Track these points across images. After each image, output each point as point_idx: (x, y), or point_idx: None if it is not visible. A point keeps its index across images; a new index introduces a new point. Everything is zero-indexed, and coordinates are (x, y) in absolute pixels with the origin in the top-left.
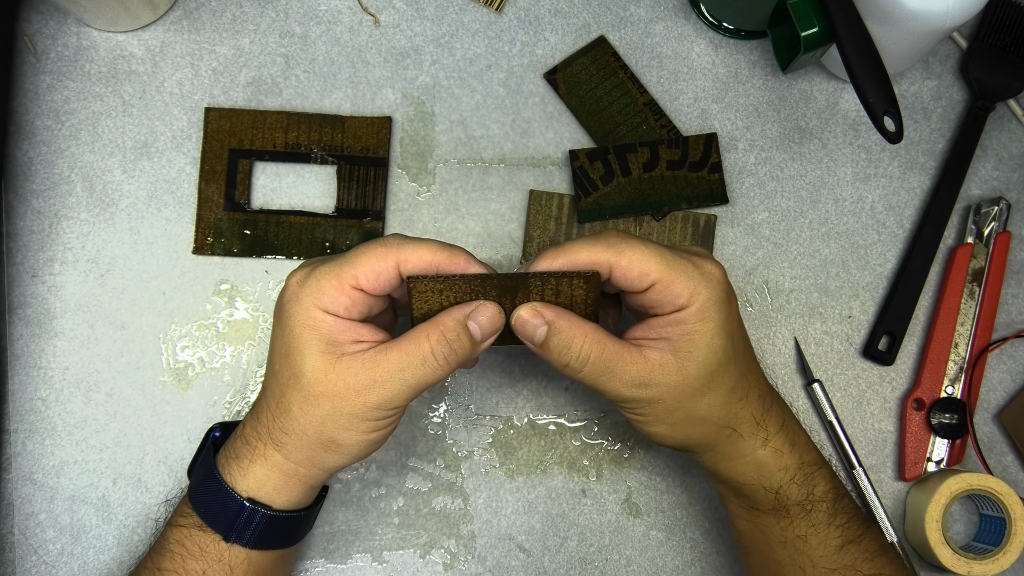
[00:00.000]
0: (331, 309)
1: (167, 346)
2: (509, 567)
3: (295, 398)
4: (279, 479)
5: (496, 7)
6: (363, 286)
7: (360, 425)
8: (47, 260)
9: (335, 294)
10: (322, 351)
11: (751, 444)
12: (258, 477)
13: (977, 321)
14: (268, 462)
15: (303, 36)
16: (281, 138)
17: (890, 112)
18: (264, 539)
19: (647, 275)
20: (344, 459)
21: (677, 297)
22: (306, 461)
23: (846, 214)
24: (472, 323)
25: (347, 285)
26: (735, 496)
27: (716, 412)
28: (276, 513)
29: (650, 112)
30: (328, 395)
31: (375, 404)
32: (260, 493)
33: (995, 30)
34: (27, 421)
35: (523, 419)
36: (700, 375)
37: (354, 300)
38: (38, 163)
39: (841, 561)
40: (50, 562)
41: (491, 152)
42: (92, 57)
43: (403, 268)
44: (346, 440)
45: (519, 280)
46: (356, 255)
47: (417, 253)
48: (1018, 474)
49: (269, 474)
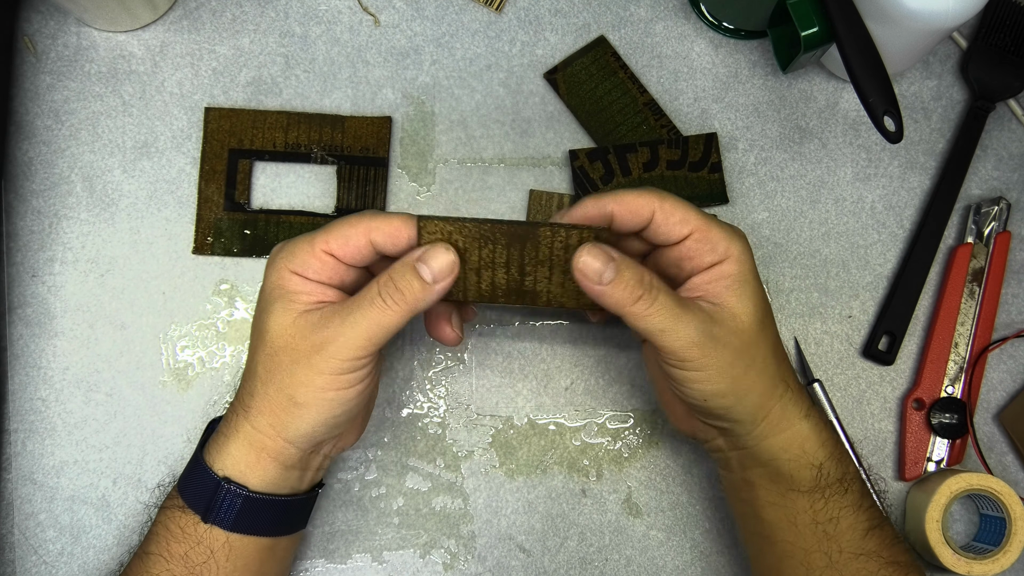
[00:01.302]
0: (299, 271)
1: (167, 346)
2: (509, 567)
3: (260, 357)
4: (250, 455)
5: (496, 7)
6: (333, 250)
7: (317, 380)
8: (47, 260)
9: (305, 257)
10: (285, 308)
11: (797, 411)
12: (232, 455)
13: (977, 321)
14: (240, 435)
15: (303, 36)
16: (281, 138)
17: (890, 112)
18: (241, 521)
19: (687, 220)
20: (306, 424)
21: (716, 245)
22: (270, 428)
23: (846, 214)
24: (422, 265)
25: (318, 249)
26: (770, 480)
27: (771, 365)
28: (252, 494)
29: (650, 112)
30: (286, 348)
31: (330, 354)
32: (235, 471)
33: (995, 30)
34: (27, 421)
35: (523, 419)
36: (754, 321)
37: (323, 263)
38: (38, 163)
39: (866, 546)
40: (50, 562)
41: (491, 152)
42: (92, 57)
43: (373, 235)
44: (305, 397)
45: (529, 229)
46: (330, 224)
47: (388, 222)
48: (1018, 474)
49: (241, 450)
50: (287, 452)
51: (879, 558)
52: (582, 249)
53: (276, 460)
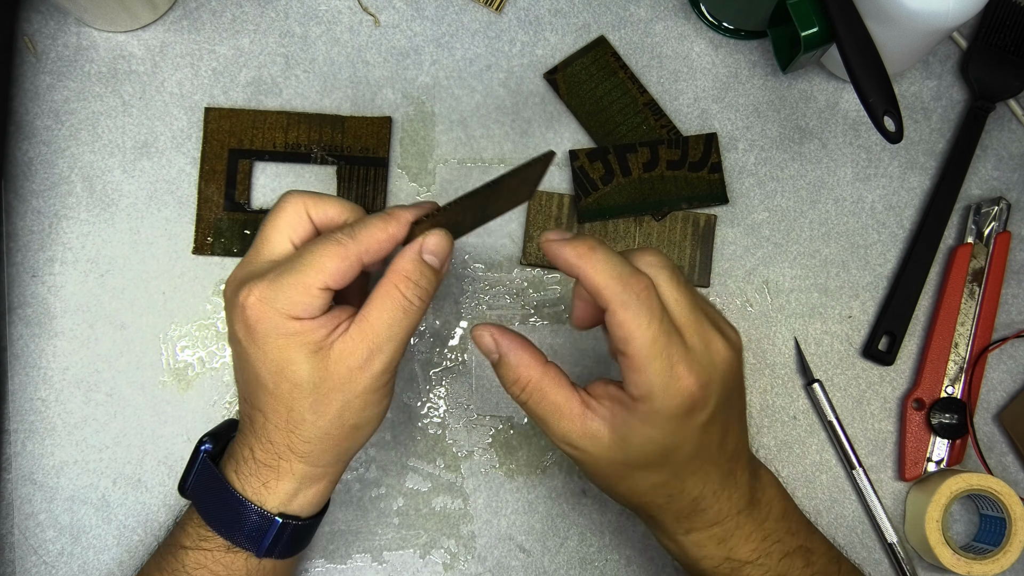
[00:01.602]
0: (303, 315)
1: (167, 346)
2: (509, 567)
3: (304, 406)
4: (307, 487)
5: (496, 7)
6: (331, 286)
7: (372, 398)
8: (47, 260)
9: (304, 300)
10: (312, 352)
11: (672, 530)
12: (287, 491)
13: (977, 321)
14: (295, 475)
15: (303, 36)
16: (281, 138)
17: (890, 112)
18: (293, 547)
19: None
20: (363, 441)
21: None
22: (333, 459)
23: (846, 214)
24: (427, 255)
25: (315, 289)
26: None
27: (636, 496)
28: (305, 522)
29: (650, 112)
30: (336, 388)
31: (380, 371)
32: (291, 507)
33: (995, 30)
34: (27, 421)
35: (523, 419)
36: (627, 462)
37: (324, 299)
38: (38, 163)
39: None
40: (50, 562)
41: (491, 152)
42: (92, 57)
43: (365, 259)
44: (364, 418)
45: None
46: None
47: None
48: (1018, 474)
49: (298, 487)
50: (341, 472)
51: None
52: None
53: (332, 483)
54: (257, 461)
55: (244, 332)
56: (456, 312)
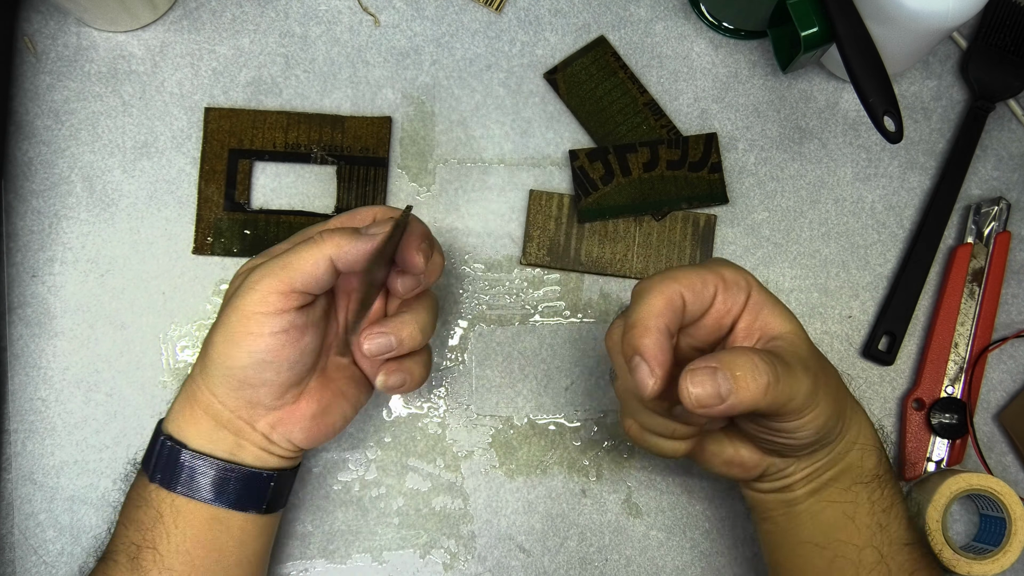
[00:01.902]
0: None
1: (167, 346)
2: (509, 567)
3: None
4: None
5: (496, 7)
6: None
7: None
8: (47, 260)
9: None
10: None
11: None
12: (175, 410)
13: (977, 321)
14: (183, 391)
15: (303, 36)
16: (281, 138)
17: (890, 112)
18: (180, 479)
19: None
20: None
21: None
22: (199, 376)
23: (846, 214)
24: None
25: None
26: (838, 476)
27: (827, 363)
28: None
29: (650, 112)
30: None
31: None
32: (174, 427)
33: (995, 30)
34: (27, 421)
35: (523, 419)
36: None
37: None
38: (38, 163)
39: (911, 536)
40: (50, 562)
41: (491, 152)
42: (92, 57)
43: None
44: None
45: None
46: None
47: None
48: (1018, 474)
49: (181, 405)
50: (214, 406)
51: (920, 547)
52: (684, 380)
53: (207, 413)
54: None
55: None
56: (456, 312)
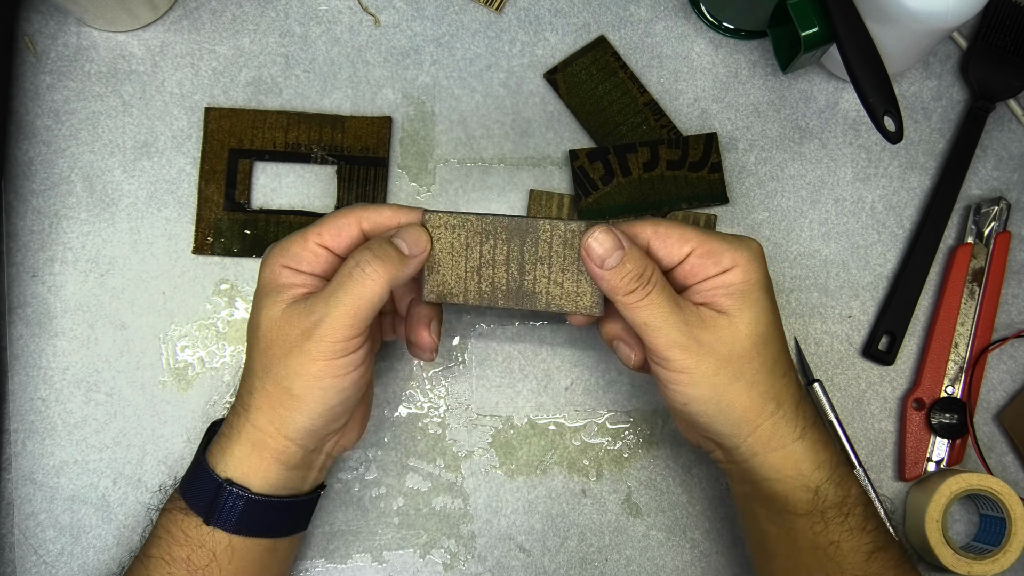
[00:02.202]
0: (292, 264)
1: (167, 346)
2: (509, 567)
3: (255, 354)
4: (253, 456)
5: (496, 7)
6: (326, 242)
7: (311, 367)
8: (47, 260)
9: (298, 250)
10: (275, 301)
11: (790, 431)
12: (236, 456)
13: (977, 321)
14: (241, 436)
15: (303, 36)
16: (281, 138)
17: (890, 112)
18: (244, 523)
19: (685, 239)
20: (304, 417)
21: (720, 257)
22: (269, 426)
23: (846, 214)
24: (396, 239)
25: (311, 242)
26: (766, 500)
27: (763, 380)
28: (254, 496)
29: (650, 112)
30: (278, 340)
31: (319, 337)
32: (237, 473)
33: (995, 30)
34: (27, 421)
35: (523, 419)
36: (751, 334)
37: (316, 255)
38: (38, 163)
39: (870, 569)
40: (50, 562)
41: (491, 152)
42: (92, 57)
43: (364, 225)
44: (300, 388)
45: (529, 223)
46: (321, 218)
47: (379, 211)
48: (1018, 474)
49: (243, 450)
50: (289, 451)
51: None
52: (595, 228)
53: (278, 460)
54: (228, 423)
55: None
56: (456, 311)
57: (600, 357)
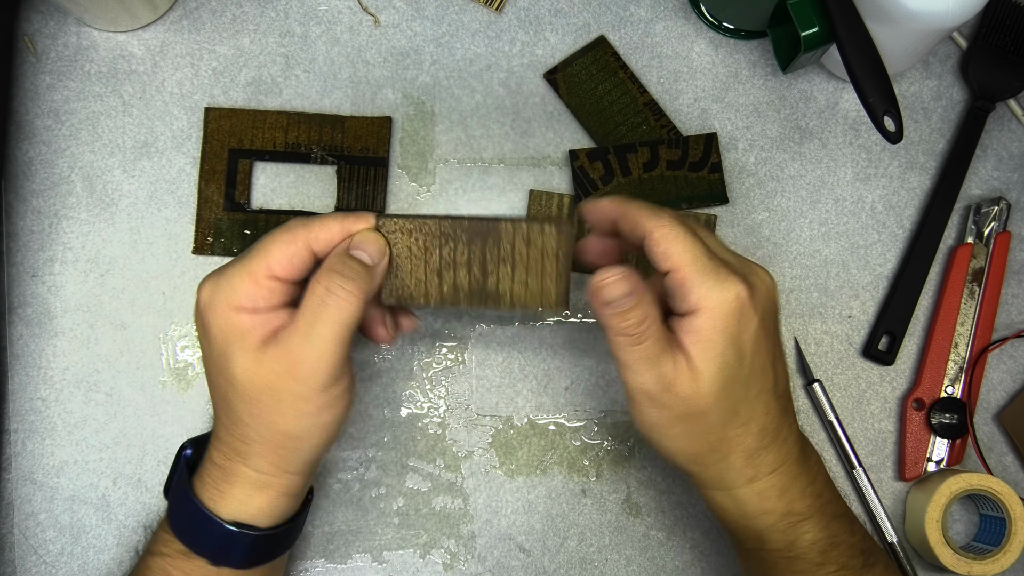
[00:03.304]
0: (247, 305)
1: (167, 346)
2: (509, 567)
3: (239, 405)
4: (259, 497)
5: (496, 7)
6: (278, 274)
7: (305, 407)
8: (47, 260)
9: (249, 289)
10: (246, 349)
11: (736, 478)
12: (238, 498)
13: (977, 321)
14: (241, 480)
15: (303, 36)
16: (281, 138)
17: (890, 112)
18: (252, 557)
19: (668, 257)
20: (308, 452)
21: (686, 296)
22: (272, 467)
23: (846, 214)
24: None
25: (260, 276)
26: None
27: (713, 432)
28: (262, 533)
29: (650, 112)
30: (265, 389)
31: (307, 375)
32: (243, 515)
33: (995, 30)
34: (27, 421)
35: (523, 419)
36: (711, 391)
37: (271, 290)
38: (38, 163)
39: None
40: (50, 562)
41: (491, 152)
42: (92, 57)
43: (315, 247)
44: (299, 429)
45: (490, 224)
46: (263, 246)
47: (325, 227)
48: (1018, 474)
49: (246, 493)
50: (294, 483)
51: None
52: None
53: (284, 494)
54: (214, 463)
55: (199, 326)
56: (456, 311)
57: (600, 357)
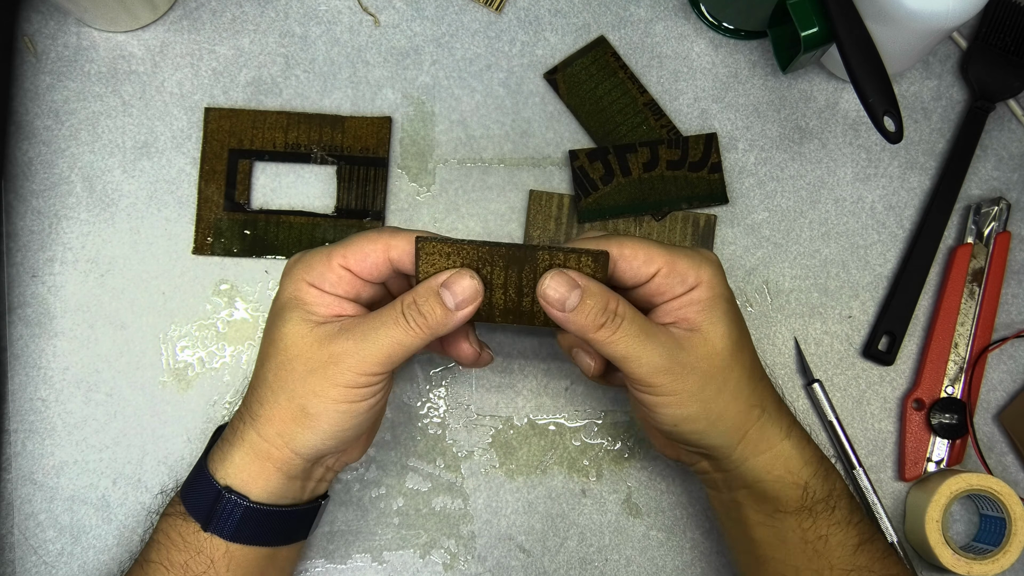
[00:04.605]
0: (316, 283)
1: (167, 346)
2: (509, 567)
3: (271, 365)
4: (254, 464)
5: (496, 7)
6: (351, 266)
7: (332, 392)
8: (47, 260)
9: (322, 269)
10: (302, 318)
11: (777, 432)
12: (236, 463)
13: (977, 321)
14: (244, 444)
15: (303, 36)
16: (281, 138)
17: (890, 112)
18: (242, 531)
19: (652, 259)
20: (315, 436)
21: (685, 277)
22: (277, 437)
23: (846, 214)
24: (445, 291)
25: (335, 263)
26: (757, 501)
27: (745, 388)
28: (253, 504)
29: (650, 112)
30: (302, 358)
31: (347, 367)
32: (237, 481)
33: (995, 30)
34: (27, 421)
35: (523, 419)
36: (727, 345)
37: (340, 277)
38: (38, 163)
39: (857, 562)
40: (50, 562)
41: (491, 152)
42: (92, 57)
43: (392, 253)
44: (317, 408)
45: (527, 252)
46: (349, 239)
47: (408, 239)
48: (1018, 474)
49: (245, 459)
50: (292, 463)
51: (870, 572)
52: (545, 276)
53: (280, 470)
54: (230, 427)
55: (277, 289)
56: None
57: None
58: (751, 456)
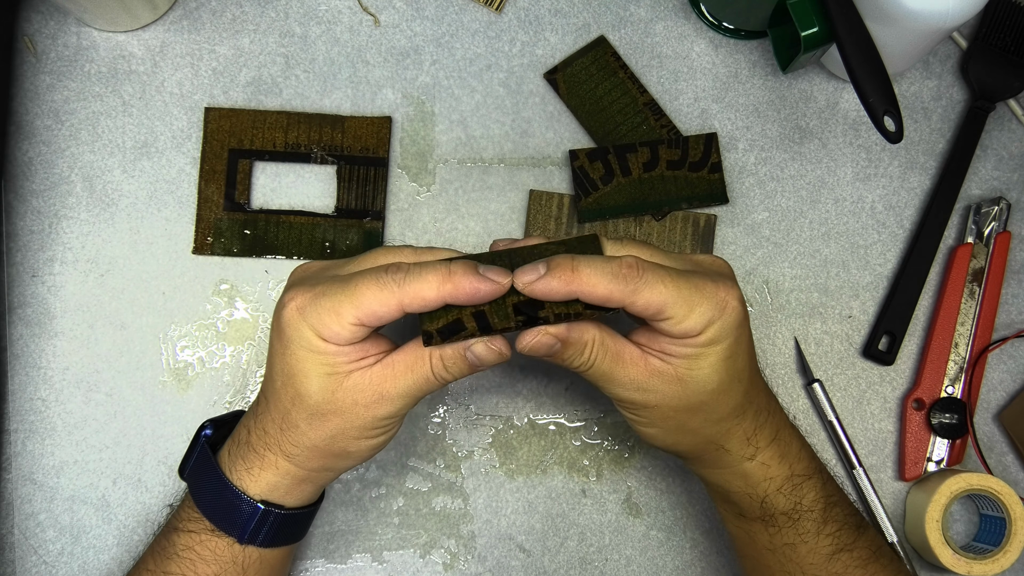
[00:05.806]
0: (332, 339)
1: (167, 346)
2: (509, 567)
3: (301, 416)
4: (291, 484)
5: (496, 7)
6: (364, 322)
7: (369, 433)
8: (47, 260)
9: (335, 327)
10: (326, 374)
11: (737, 458)
12: (270, 482)
13: (977, 321)
14: (280, 470)
15: (303, 36)
16: (281, 138)
17: (890, 112)
18: (277, 537)
19: (662, 312)
20: (355, 462)
21: (690, 331)
22: (318, 467)
23: (846, 214)
24: (470, 354)
25: (347, 321)
26: (723, 501)
27: (708, 428)
28: (289, 512)
29: (650, 112)
30: (336, 412)
31: (384, 415)
32: (273, 496)
33: (995, 30)
34: (27, 421)
35: (523, 419)
36: (699, 393)
37: (354, 332)
38: (38, 163)
39: (832, 569)
40: (50, 562)
41: (491, 152)
42: (92, 57)
43: (408, 309)
44: (357, 448)
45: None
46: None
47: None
48: (1018, 474)
49: (281, 480)
50: (329, 478)
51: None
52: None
53: (316, 485)
54: (249, 444)
55: (275, 329)
56: None
57: None
58: (707, 469)
